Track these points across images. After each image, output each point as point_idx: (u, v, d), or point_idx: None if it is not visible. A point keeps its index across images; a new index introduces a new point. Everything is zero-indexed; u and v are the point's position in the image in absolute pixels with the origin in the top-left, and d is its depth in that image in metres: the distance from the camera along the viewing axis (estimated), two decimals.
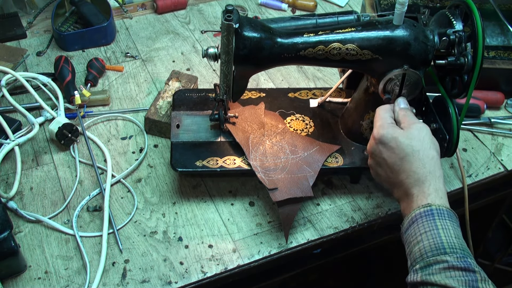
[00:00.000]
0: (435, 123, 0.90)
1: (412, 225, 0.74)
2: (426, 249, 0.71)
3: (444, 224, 0.73)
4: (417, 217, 0.74)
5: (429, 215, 0.74)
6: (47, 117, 1.07)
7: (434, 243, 0.71)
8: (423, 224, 0.73)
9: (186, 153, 0.94)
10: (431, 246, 0.71)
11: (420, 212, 0.74)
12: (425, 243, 0.72)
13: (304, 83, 1.21)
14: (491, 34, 1.17)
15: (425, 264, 0.70)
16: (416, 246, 0.72)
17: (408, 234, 0.75)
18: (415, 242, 0.73)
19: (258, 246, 0.90)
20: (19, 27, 1.30)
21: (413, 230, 0.74)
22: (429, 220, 0.73)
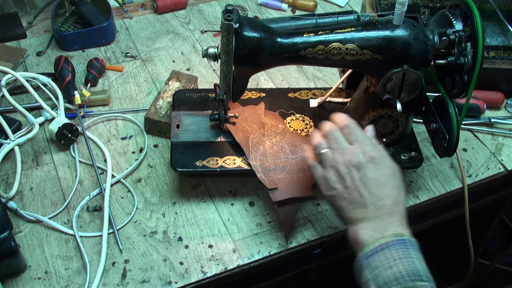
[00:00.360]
0: (435, 123, 0.90)
1: (382, 250, 0.71)
2: (402, 274, 0.69)
3: (417, 255, 0.72)
4: (389, 244, 0.71)
5: (402, 243, 0.72)
6: (47, 117, 1.07)
7: (410, 269, 0.69)
8: (397, 251, 0.71)
9: (186, 153, 0.94)
10: (407, 271, 0.69)
11: (392, 240, 0.71)
12: (400, 268, 0.69)
13: (304, 83, 1.21)
14: (491, 34, 1.17)
15: (405, 286, 0.67)
16: (388, 271, 0.69)
17: (376, 258, 0.71)
18: (387, 267, 0.70)
19: (258, 246, 0.90)
20: (19, 27, 1.30)
21: (384, 256, 0.71)
22: (403, 248, 0.71)
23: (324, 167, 0.80)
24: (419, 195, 0.99)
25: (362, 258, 0.72)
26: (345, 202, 0.77)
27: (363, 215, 0.76)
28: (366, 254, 0.72)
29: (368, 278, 0.70)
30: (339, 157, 0.79)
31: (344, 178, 0.77)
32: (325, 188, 0.80)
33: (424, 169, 1.03)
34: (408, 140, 0.98)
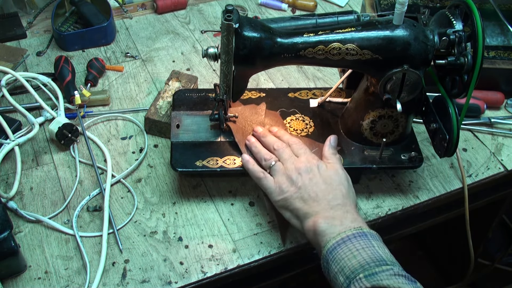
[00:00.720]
0: (435, 123, 0.90)
1: (344, 243, 0.74)
2: (367, 261, 0.71)
3: (378, 244, 0.75)
4: (350, 237, 0.74)
5: (363, 235, 0.75)
6: (47, 117, 1.07)
7: (374, 256, 0.71)
8: (359, 242, 0.74)
9: (186, 153, 0.94)
10: (372, 258, 0.71)
11: (353, 233, 0.75)
12: (363, 256, 0.71)
13: (304, 83, 1.21)
14: (491, 34, 1.17)
15: (370, 272, 0.69)
16: (353, 260, 0.71)
17: (338, 252, 0.74)
18: (351, 257, 0.72)
19: (258, 246, 0.90)
20: (19, 27, 1.30)
21: (346, 247, 0.73)
22: (364, 239, 0.74)
23: (275, 176, 0.87)
24: (419, 195, 0.99)
25: (327, 253, 0.75)
26: (298, 201, 0.83)
27: (318, 208, 0.81)
28: (330, 249, 0.75)
29: (335, 271, 0.73)
30: (290, 165, 0.86)
31: (295, 181, 0.84)
32: (277, 193, 0.85)
33: (424, 169, 1.03)
34: (408, 140, 0.98)
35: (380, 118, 0.94)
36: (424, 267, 1.86)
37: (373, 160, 0.95)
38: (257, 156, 0.92)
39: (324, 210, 0.80)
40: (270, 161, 0.89)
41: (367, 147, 0.97)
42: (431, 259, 1.87)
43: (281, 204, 0.85)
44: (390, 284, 0.67)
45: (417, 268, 1.86)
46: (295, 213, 0.83)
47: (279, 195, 0.84)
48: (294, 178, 0.84)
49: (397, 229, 1.07)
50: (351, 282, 0.70)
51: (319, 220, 0.79)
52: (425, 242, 1.88)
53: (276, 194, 0.85)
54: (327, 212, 0.80)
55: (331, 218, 0.79)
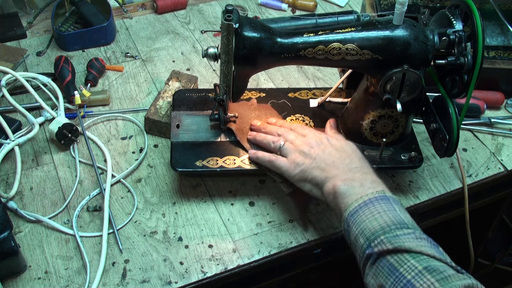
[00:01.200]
0: (435, 123, 0.90)
1: (366, 205, 0.74)
2: (388, 223, 0.70)
3: (400, 208, 0.75)
4: (372, 200, 0.74)
5: (384, 198, 0.75)
6: (47, 117, 1.07)
7: (395, 219, 0.71)
8: (380, 205, 0.73)
9: (186, 153, 0.94)
10: (393, 221, 0.71)
11: (375, 196, 0.75)
12: (385, 218, 0.71)
13: (304, 83, 1.21)
14: (491, 34, 1.17)
15: (392, 235, 0.69)
16: (374, 222, 0.71)
17: (359, 214, 0.73)
18: (372, 219, 0.72)
19: (258, 246, 0.90)
20: (19, 27, 1.30)
21: (368, 210, 0.73)
22: (386, 203, 0.74)
23: (287, 155, 0.87)
24: (419, 195, 0.99)
25: (348, 216, 0.75)
26: (316, 171, 0.83)
27: (336, 171, 0.81)
28: (351, 211, 0.75)
29: (356, 233, 0.73)
30: (299, 142, 0.87)
31: (309, 154, 0.85)
32: (292, 168, 0.85)
33: (424, 169, 1.03)
34: (408, 140, 0.98)
35: (380, 118, 0.94)
36: None
37: (373, 160, 0.95)
38: (263, 144, 0.92)
39: (343, 173, 0.80)
40: (278, 142, 0.89)
41: (367, 147, 0.97)
42: None
43: (299, 177, 0.85)
44: (412, 246, 0.67)
45: None
46: (314, 181, 0.83)
47: (295, 169, 0.85)
48: (306, 151, 0.85)
49: None
50: (372, 242, 0.69)
51: (338, 182, 0.79)
52: None
53: (292, 169, 0.85)
54: (346, 175, 0.80)
55: (350, 180, 0.79)
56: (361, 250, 0.71)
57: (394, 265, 0.67)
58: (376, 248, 0.69)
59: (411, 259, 0.66)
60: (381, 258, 0.68)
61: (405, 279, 0.64)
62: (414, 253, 0.67)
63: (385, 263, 0.67)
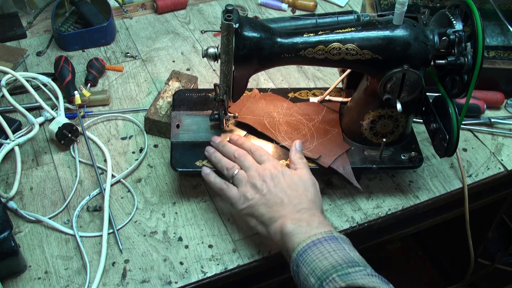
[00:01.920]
0: (435, 123, 0.90)
1: (315, 245, 0.73)
2: (339, 262, 0.70)
3: (349, 247, 0.74)
4: (321, 240, 0.73)
5: (333, 238, 0.74)
6: (47, 117, 1.07)
7: (346, 258, 0.71)
8: (329, 245, 0.73)
9: (186, 153, 0.94)
10: (344, 259, 0.70)
11: (323, 236, 0.74)
12: (335, 257, 0.70)
13: (304, 83, 1.21)
14: (491, 34, 1.17)
15: (344, 272, 0.68)
16: (325, 261, 0.70)
17: (309, 254, 0.72)
18: (322, 259, 0.71)
19: (258, 246, 0.90)
20: (19, 27, 1.30)
21: (317, 249, 0.72)
22: (335, 242, 0.73)
23: (238, 186, 0.86)
24: (419, 195, 0.99)
25: (297, 256, 0.74)
26: (263, 208, 0.82)
27: (284, 212, 0.80)
28: (300, 251, 0.74)
29: (306, 273, 0.71)
30: (253, 173, 0.85)
31: (260, 188, 0.83)
32: (241, 202, 0.84)
33: (424, 169, 1.03)
34: (408, 140, 0.98)
35: (380, 118, 0.94)
36: (424, 267, 1.86)
37: (373, 160, 0.95)
38: (217, 166, 0.90)
39: (291, 213, 0.79)
40: (232, 169, 0.87)
41: (367, 147, 0.97)
42: (431, 259, 1.87)
43: (246, 212, 0.84)
44: (365, 283, 0.66)
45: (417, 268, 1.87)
46: (260, 219, 0.82)
47: (243, 203, 0.84)
48: (258, 185, 0.83)
49: (397, 229, 1.07)
50: (324, 282, 0.68)
51: (286, 221, 0.78)
52: (425, 242, 1.88)
53: (240, 203, 0.84)
54: (294, 215, 0.79)
55: (297, 220, 0.78)
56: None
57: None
58: (328, 287, 0.67)
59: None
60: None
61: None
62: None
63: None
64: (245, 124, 0.99)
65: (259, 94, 1.05)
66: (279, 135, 0.97)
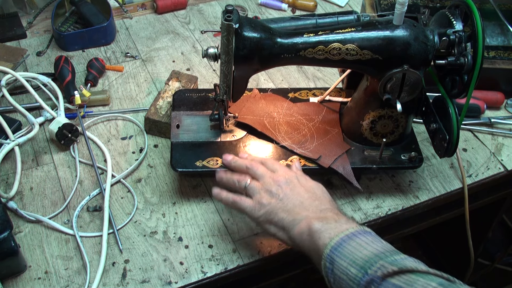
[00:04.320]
0: (435, 123, 0.90)
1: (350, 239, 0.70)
2: (381, 251, 0.67)
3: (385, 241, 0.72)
4: (355, 233, 0.71)
5: (367, 233, 0.72)
6: (47, 117, 1.07)
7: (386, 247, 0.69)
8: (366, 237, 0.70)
9: (186, 153, 0.94)
10: (385, 249, 0.68)
11: (357, 230, 0.71)
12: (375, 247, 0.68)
13: (304, 83, 1.21)
14: (491, 34, 1.17)
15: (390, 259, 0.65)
16: (365, 251, 0.68)
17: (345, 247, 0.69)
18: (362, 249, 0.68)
19: (258, 246, 0.90)
20: (19, 27, 1.30)
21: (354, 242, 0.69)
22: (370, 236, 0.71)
23: (252, 195, 0.81)
24: (419, 195, 0.99)
25: (331, 251, 0.70)
26: (282, 212, 0.78)
27: (306, 213, 0.77)
28: (334, 246, 0.70)
29: (345, 265, 0.68)
30: (267, 180, 0.82)
31: (276, 193, 0.80)
32: (257, 209, 0.80)
33: (424, 169, 1.03)
34: (408, 140, 0.98)
35: (380, 118, 0.94)
36: None
37: (373, 160, 0.95)
38: (229, 184, 0.86)
39: (314, 213, 0.76)
40: (244, 181, 0.83)
41: (367, 147, 0.97)
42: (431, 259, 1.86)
43: (263, 218, 0.79)
44: (417, 266, 0.64)
45: None
46: (281, 224, 0.78)
47: (260, 210, 0.79)
48: (274, 190, 0.80)
49: (397, 229, 1.07)
50: (368, 269, 0.65)
51: (312, 221, 0.74)
52: (425, 242, 1.88)
53: (256, 210, 0.80)
54: (318, 214, 0.76)
55: (323, 218, 0.74)
56: (355, 281, 0.66)
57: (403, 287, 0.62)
58: (379, 272, 0.64)
59: (420, 278, 0.62)
60: (386, 283, 0.63)
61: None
62: (420, 272, 0.63)
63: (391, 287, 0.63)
64: (245, 124, 0.99)
65: (259, 94, 1.05)
66: (279, 135, 0.97)
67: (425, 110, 0.94)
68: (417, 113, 0.95)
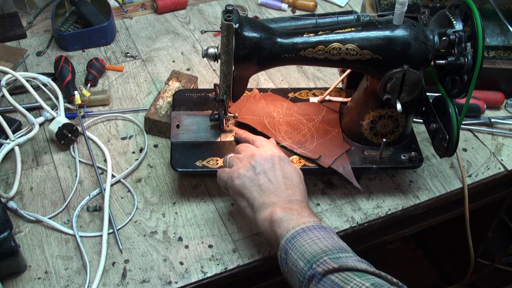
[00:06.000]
0: (435, 123, 0.90)
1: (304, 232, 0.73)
2: (329, 247, 0.70)
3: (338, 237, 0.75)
4: (310, 228, 0.74)
5: (322, 228, 0.74)
6: (47, 117, 1.07)
7: (335, 244, 0.71)
8: (319, 232, 0.73)
9: (186, 153, 0.94)
10: (334, 246, 0.71)
11: (313, 225, 0.74)
12: (325, 243, 0.71)
13: (304, 83, 1.21)
14: (491, 34, 1.17)
15: (334, 256, 0.68)
16: (314, 246, 0.71)
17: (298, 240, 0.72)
18: (312, 244, 0.71)
19: (258, 246, 0.90)
20: (19, 27, 1.30)
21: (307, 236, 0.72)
22: (324, 231, 0.74)
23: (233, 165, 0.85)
24: (419, 195, 0.99)
25: (286, 242, 0.74)
26: (255, 190, 0.81)
27: (276, 200, 0.79)
28: (289, 238, 0.73)
29: (295, 258, 0.71)
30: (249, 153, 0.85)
31: (254, 167, 0.83)
32: (235, 177, 0.82)
33: (424, 169, 1.03)
34: (408, 140, 0.98)
35: (380, 118, 0.94)
36: (424, 267, 1.86)
37: (373, 160, 0.95)
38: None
39: (282, 202, 0.79)
40: (227, 155, 0.89)
41: (367, 147, 0.97)
42: (431, 259, 1.86)
43: (237, 189, 0.82)
44: (356, 265, 0.67)
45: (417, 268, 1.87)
46: (251, 202, 0.81)
47: (236, 178, 0.82)
48: (253, 163, 0.83)
49: (397, 229, 1.07)
50: (313, 264, 0.68)
51: (276, 209, 0.77)
52: (425, 242, 1.88)
53: (234, 177, 0.82)
54: (285, 204, 0.79)
55: (288, 209, 0.78)
56: (301, 274, 0.70)
57: (339, 284, 0.65)
58: (320, 268, 0.67)
59: (357, 278, 0.65)
60: (325, 278, 0.67)
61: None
62: (358, 271, 0.66)
63: (329, 283, 0.66)
64: (245, 124, 0.99)
65: (259, 94, 1.05)
66: (279, 135, 0.97)
67: (425, 110, 0.94)
68: (417, 113, 0.95)
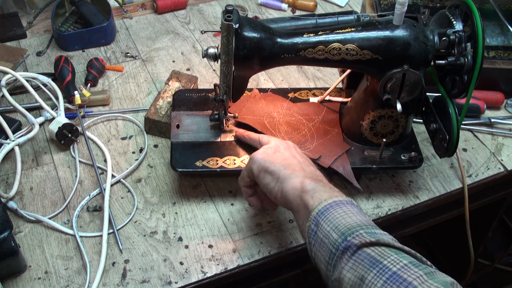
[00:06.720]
0: (435, 123, 0.90)
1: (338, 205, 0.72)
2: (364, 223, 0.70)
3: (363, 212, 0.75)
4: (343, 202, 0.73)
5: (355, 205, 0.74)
6: (47, 117, 1.07)
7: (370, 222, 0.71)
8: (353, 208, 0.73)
9: (186, 153, 0.94)
10: (369, 222, 0.71)
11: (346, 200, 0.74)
12: (360, 218, 0.71)
13: (304, 83, 1.21)
14: (491, 34, 1.17)
15: (370, 231, 0.68)
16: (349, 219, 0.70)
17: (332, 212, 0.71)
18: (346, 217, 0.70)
19: (258, 246, 0.90)
20: (19, 27, 1.30)
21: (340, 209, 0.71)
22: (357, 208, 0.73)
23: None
24: (419, 195, 0.99)
25: (318, 214, 0.72)
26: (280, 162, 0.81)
27: (302, 173, 0.79)
28: (322, 209, 0.72)
29: (328, 229, 0.70)
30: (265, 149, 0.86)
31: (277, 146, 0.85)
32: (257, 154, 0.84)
33: (424, 169, 1.03)
34: (408, 140, 0.98)
35: (380, 118, 0.94)
36: None
37: (373, 160, 0.95)
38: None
39: (309, 174, 0.79)
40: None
41: (367, 147, 0.97)
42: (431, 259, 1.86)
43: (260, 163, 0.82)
44: (393, 242, 0.66)
45: None
46: (276, 174, 0.79)
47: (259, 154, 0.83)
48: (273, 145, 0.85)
49: (397, 229, 1.06)
50: (348, 236, 0.67)
51: (306, 180, 0.77)
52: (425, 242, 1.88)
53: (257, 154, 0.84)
54: (312, 176, 0.78)
55: (319, 181, 0.77)
56: (334, 245, 0.68)
57: (376, 258, 0.65)
58: (356, 240, 0.66)
59: (394, 254, 0.65)
60: (360, 251, 0.66)
61: (390, 271, 0.63)
62: (395, 248, 0.66)
63: (365, 256, 0.65)
64: (245, 124, 0.99)
65: (259, 94, 1.05)
66: (279, 135, 0.97)
67: (425, 110, 0.94)
68: (417, 113, 0.95)
